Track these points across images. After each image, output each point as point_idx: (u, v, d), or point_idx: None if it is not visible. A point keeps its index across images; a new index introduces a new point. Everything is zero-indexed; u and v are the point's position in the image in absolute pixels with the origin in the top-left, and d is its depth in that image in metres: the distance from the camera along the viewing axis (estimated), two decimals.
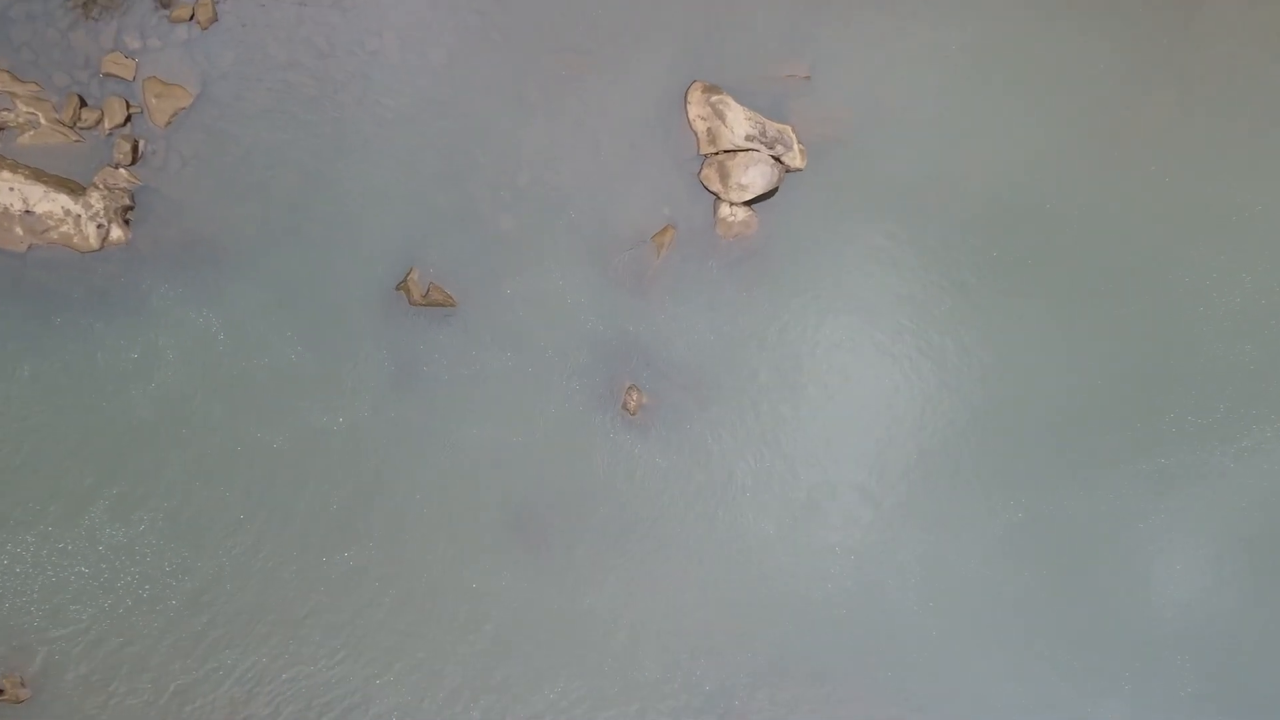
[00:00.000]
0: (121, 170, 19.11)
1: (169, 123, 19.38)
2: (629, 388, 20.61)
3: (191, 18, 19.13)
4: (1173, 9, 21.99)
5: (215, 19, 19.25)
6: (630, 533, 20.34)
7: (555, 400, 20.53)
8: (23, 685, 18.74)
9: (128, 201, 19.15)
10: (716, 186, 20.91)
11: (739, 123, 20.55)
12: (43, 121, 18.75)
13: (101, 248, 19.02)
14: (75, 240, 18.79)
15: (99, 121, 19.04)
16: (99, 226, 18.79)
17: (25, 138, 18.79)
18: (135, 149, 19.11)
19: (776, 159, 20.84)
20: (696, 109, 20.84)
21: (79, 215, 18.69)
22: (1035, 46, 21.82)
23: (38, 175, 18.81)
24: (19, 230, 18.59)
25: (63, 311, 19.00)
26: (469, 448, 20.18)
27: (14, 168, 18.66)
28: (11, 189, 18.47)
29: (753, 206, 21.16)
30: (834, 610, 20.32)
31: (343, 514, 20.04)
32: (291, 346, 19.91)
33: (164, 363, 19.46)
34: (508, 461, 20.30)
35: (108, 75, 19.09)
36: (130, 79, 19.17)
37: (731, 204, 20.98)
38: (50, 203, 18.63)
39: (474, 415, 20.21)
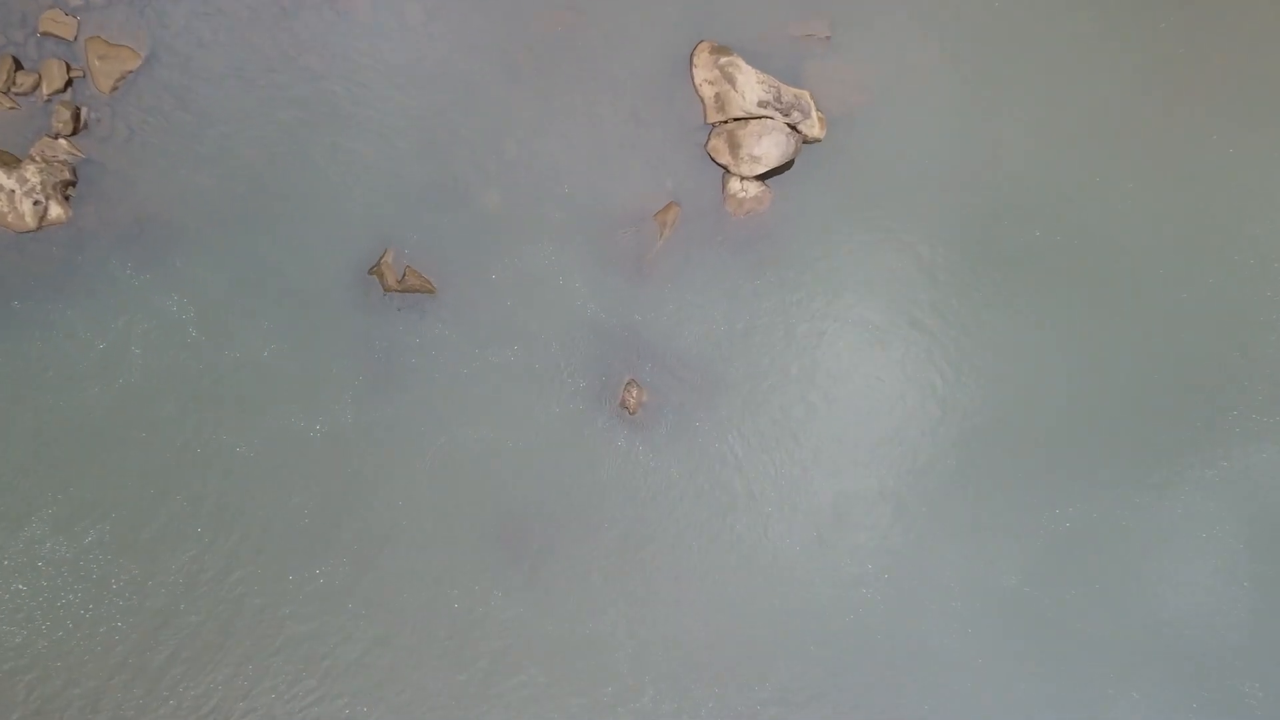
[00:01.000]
0: (61, 141, 17.12)
1: (114, 88, 17.38)
2: (628, 383, 18.49)
3: None
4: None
5: None
6: (630, 549, 18.19)
7: (546, 398, 18.42)
8: None
9: (69, 176, 17.15)
10: (725, 159, 18.76)
11: (751, 87, 18.39)
12: None
13: (39, 227, 17.03)
14: (9, 219, 16.81)
15: (36, 87, 17.07)
16: (36, 204, 16.80)
17: None
18: (77, 117, 17.12)
19: (792, 128, 18.66)
20: (703, 72, 18.69)
21: (13, 191, 16.70)
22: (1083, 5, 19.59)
23: None
24: None
25: None
26: (449, 453, 18.09)
27: None
28: None
29: (766, 181, 19.00)
30: (863, 638, 18.08)
31: (316, 528, 17.96)
32: (254, 340, 17.89)
33: (112, 356, 17.45)
34: (493, 468, 18.21)
35: (46, 34, 17.13)
36: (71, 39, 17.19)
37: (742, 178, 18.82)
38: None
39: (454, 416, 18.12)
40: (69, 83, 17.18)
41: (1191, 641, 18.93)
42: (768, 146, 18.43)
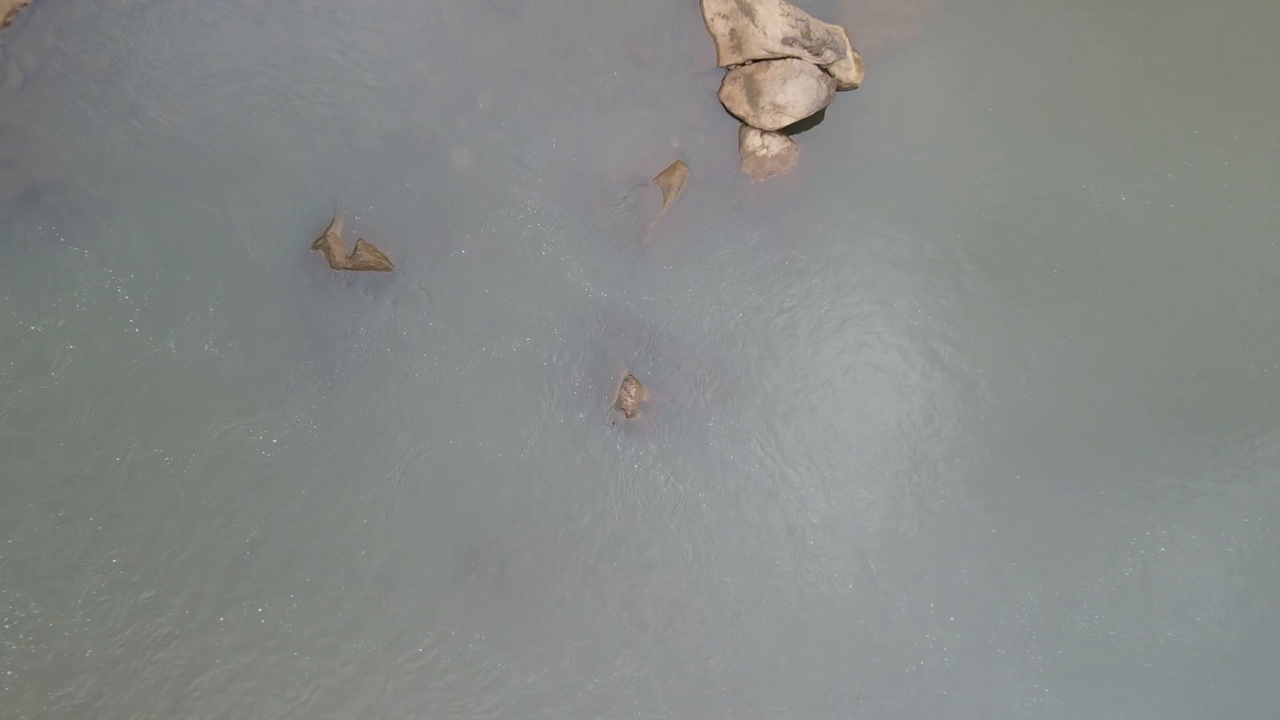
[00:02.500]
0: None
1: (5, 24, 14.41)
2: (625, 380, 15.32)
3: None
4: None
5: None
6: (628, 582, 14.98)
7: (528, 399, 15.28)
8: None
9: None
10: (742, 109, 15.56)
11: (773, 21, 15.17)
12: None
13: None
14: None
15: None
16: None
17: None
18: None
19: (824, 70, 15.43)
20: (716, 5, 15.49)
21: None
22: None
23: None
24: None
25: None
26: (411, 466, 14.98)
27: None
28: None
29: (791, 136, 15.78)
30: (932, 691, 14.73)
31: (260, 557, 14.87)
32: (175, 331, 14.84)
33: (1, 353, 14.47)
34: (465, 484, 15.06)
35: None
36: None
37: (763, 132, 15.61)
38: None
39: (417, 420, 15.00)
40: None
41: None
42: (794, 93, 15.22)
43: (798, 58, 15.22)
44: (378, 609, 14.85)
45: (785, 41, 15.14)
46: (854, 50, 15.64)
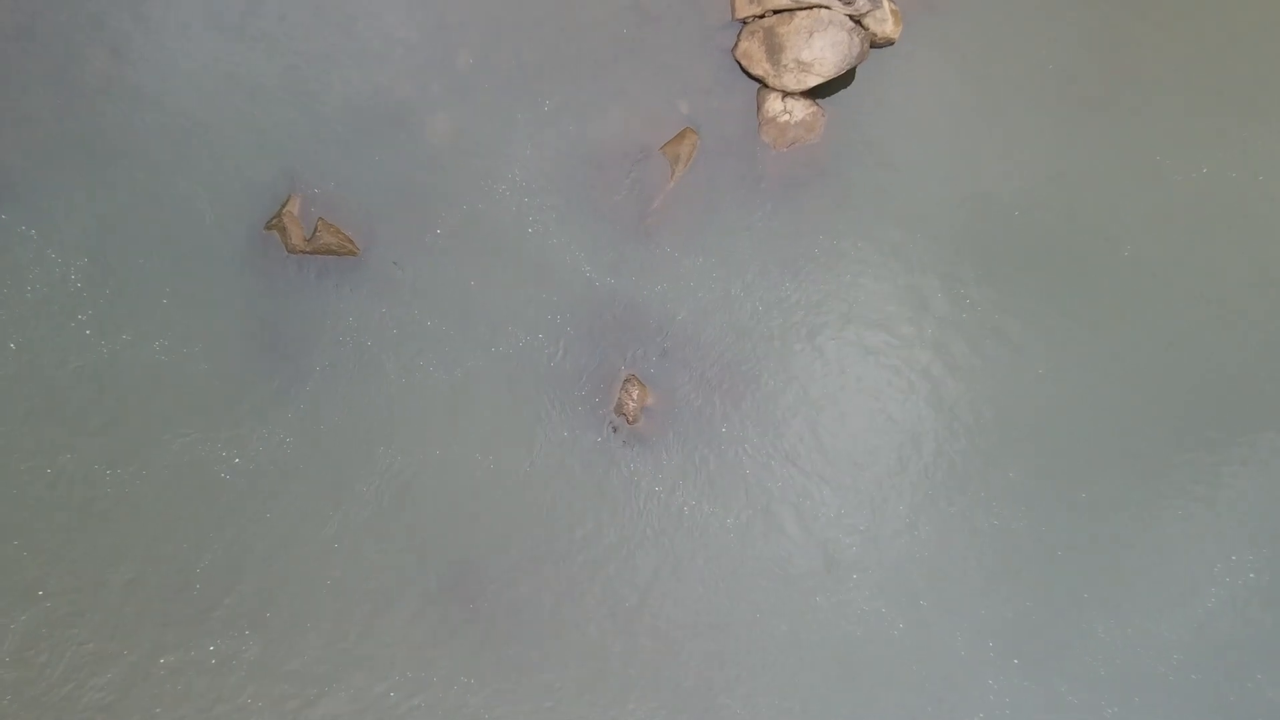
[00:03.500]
0: None
1: None
2: (626, 381, 13.28)
3: None
4: None
5: None
6: (633, 619, 12.92)
7: (516, 404, 13.28)
8: None
9: None
10: (761, 68, 13.51)
11: None
12: None
13: None
14: None
15: None
16: None
17: None
18: None
19: (856, 22, 13.36)
20: None
21: None
22: None
23: None
24: None
25: None
26: (388, 483, 13.00)
27: None
28: None
29: (818, 99, 13.72)
30: None
31: (212, 587, 12.91)
32: (122, 327, 12.92)
33: None
34: (447, 503, 13.07)
35: None
36: None
37: (785, 94, 13.55)
38: None
39: (388, 429, 13.03)
40: None
41: None
42: (821, 49, 13.14)
43: (826, 7, 13.13)
44: (350, 647, 12.88)
45: None
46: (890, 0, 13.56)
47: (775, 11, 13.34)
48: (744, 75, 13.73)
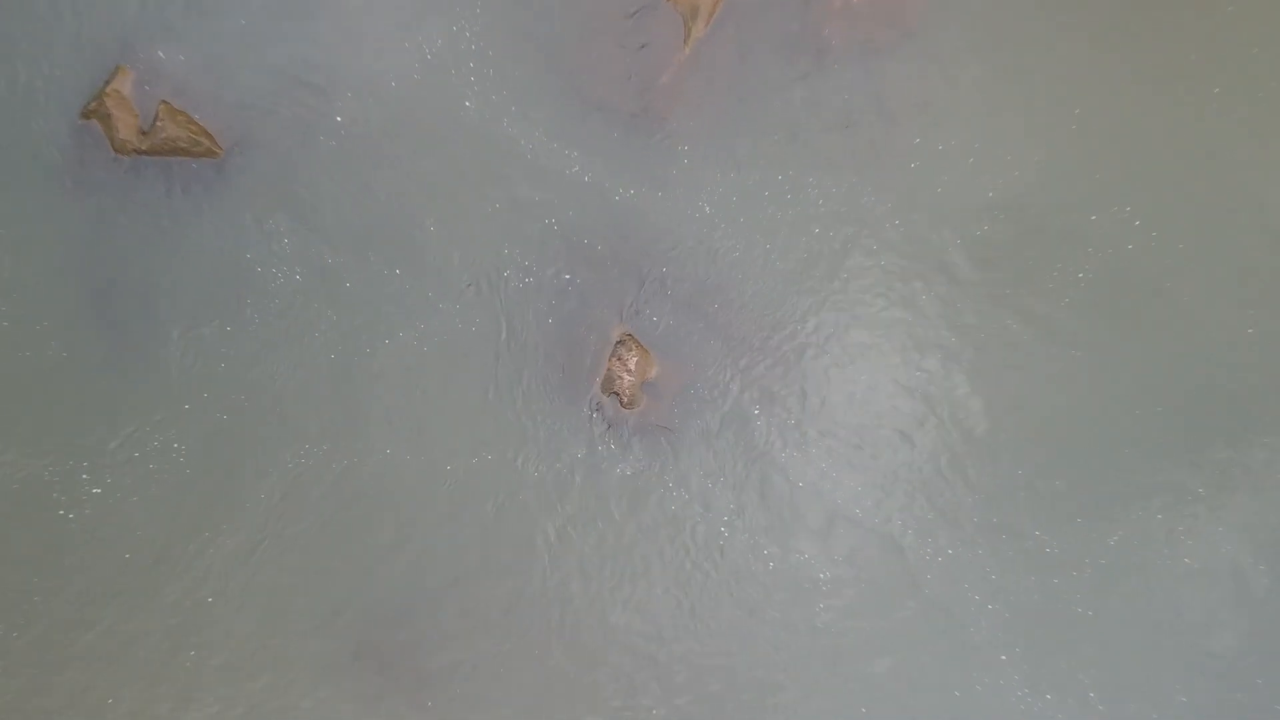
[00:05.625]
0: None
1: None
2: (620, 342, 9.02)
3: None
4: None
5: None
6: (623, 691, 8.71)
7: (457, 380, 9.07)
8: None
9: None
10: None
11: None
12: None
13: None
14: None
15: None
16: None
17: None
18: None
19: None
20: None
21: None
22: None
23: None
24: None
25: None
26: (287, 497, 8.88)
27: None
28: None
29: None
30: None
31: (29, 665, 8.96)
32: None
33: None
34: (367, 521, 8.92)
35: None
36: None
37: None
38: None
39: (279, 426, 8.89)
40: None
41: None
42: None
43: None
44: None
45: None
46: None
47: None
48: None
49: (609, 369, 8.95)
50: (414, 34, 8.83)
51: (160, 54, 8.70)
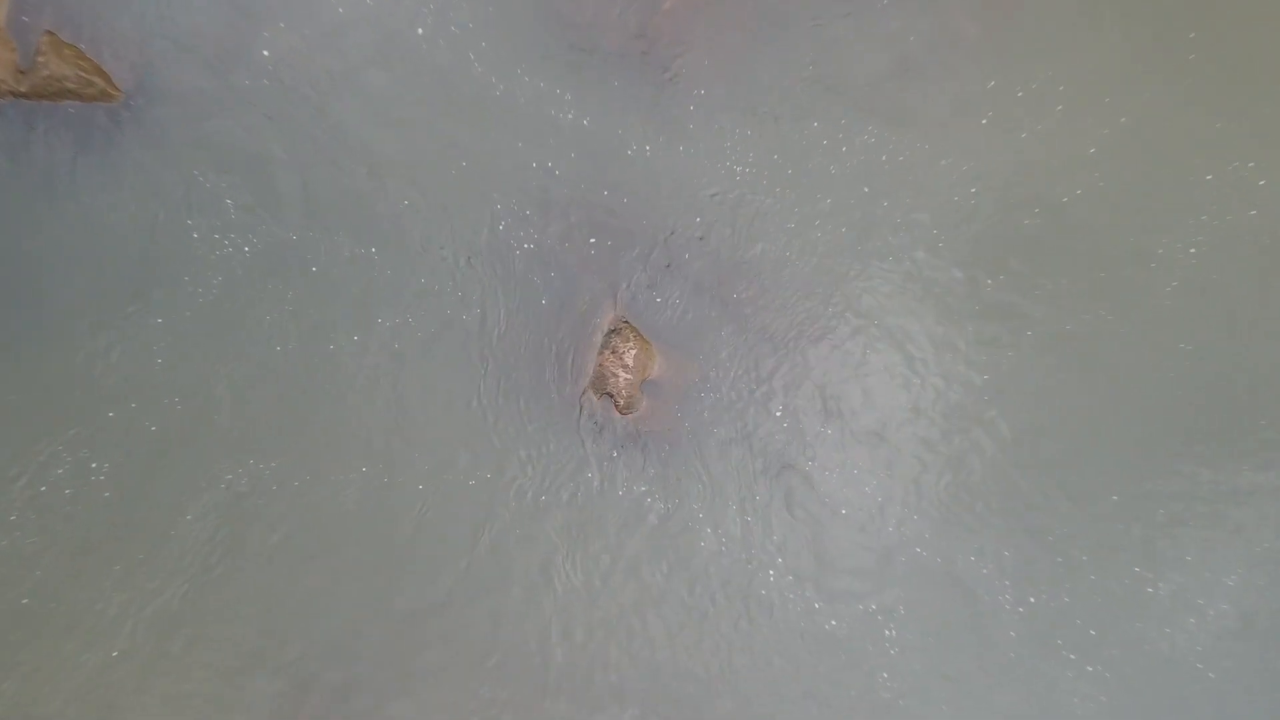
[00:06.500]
0: None
1: None
2: (614, 331, 7.34)
3: None
4: None
5: None
6: None
7: (415, 379, 7.41)
8: None
9: None
10: None
11: None
12: None
13: None
14: None
15: None
16: None
17: None
18: None
19: None
20: None
21: None
22: None
23: None
24: None
25: None
26: (224, 522, 7.26)
27: None
28: None
29: None
30: None
31: None
32: None
33: None
34: (308, 553, 7.30)
35: None
36: None
37: None
38: None
39: (216, 424, 7.26)
40: None
41: None
42: None
43: None
44: None
45: None
46: None
47: None
48: None
49: (601, 365, 7.29)
50: None
51: None
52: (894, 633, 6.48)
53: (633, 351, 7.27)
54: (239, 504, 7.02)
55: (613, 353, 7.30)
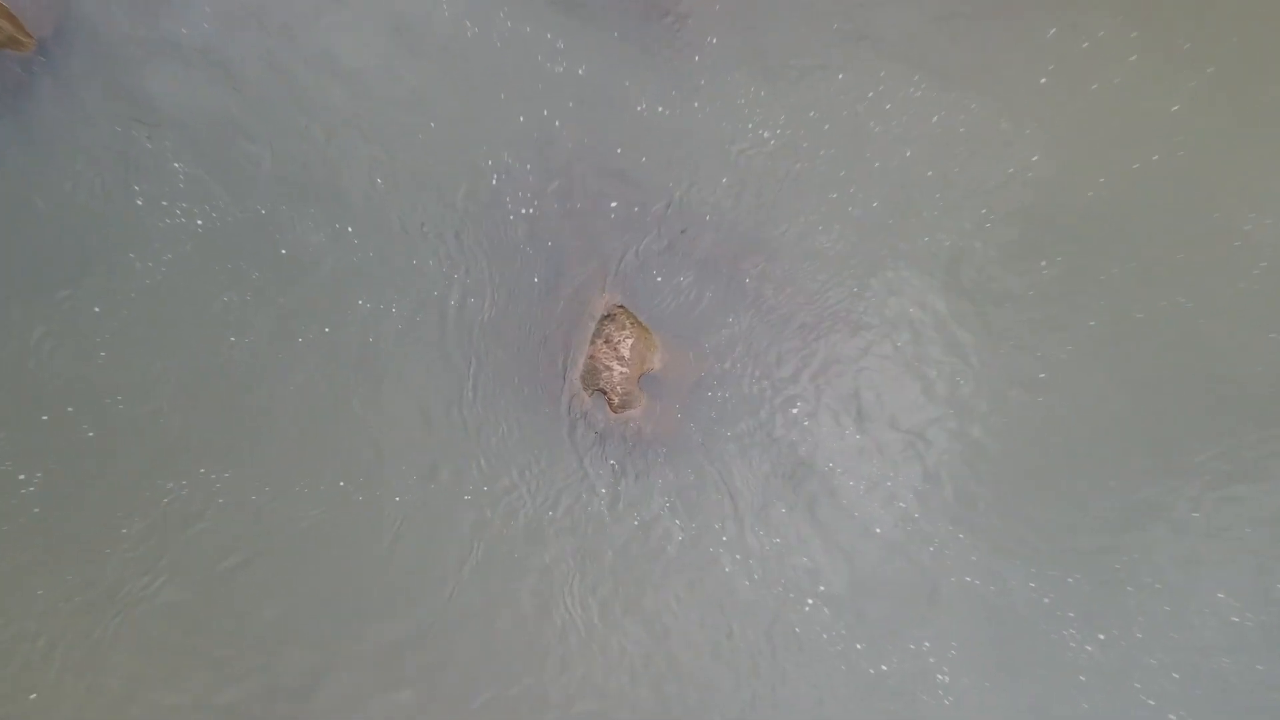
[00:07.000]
0: None
1: None
2: (608, 317, 6.45)
3: None
4: None
5: None
6: None
7: (390, 373, 6.51)
8: None
9: None
10: None
11: None
12: None
13: None
14: None
15: None
16: None
17: None
18: None
19: None
20: None
21: None
22: None
23: None
24: None
25: None
26: (147, 544, 6.38)
27: None
28: None
29: None
30: None
31: None
32: None
33: None
34: (262, 583, 6.45)
35: None
36: None
37: None
38: None
39: (160, 430, 6.36)
40: None
41: None
42: None
43: None
44: None
45: None
46: None
47: None
48: None
49: (592, 356, 6.41)
50: None
51: None
52: (947, 678, 5.73)
53: (629, 341, 6.40)
54: (187, 523, 6.16)
55: (606, 343, 6.42)
